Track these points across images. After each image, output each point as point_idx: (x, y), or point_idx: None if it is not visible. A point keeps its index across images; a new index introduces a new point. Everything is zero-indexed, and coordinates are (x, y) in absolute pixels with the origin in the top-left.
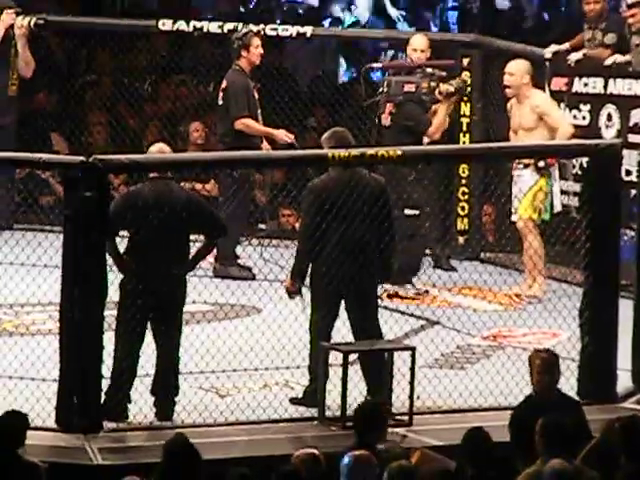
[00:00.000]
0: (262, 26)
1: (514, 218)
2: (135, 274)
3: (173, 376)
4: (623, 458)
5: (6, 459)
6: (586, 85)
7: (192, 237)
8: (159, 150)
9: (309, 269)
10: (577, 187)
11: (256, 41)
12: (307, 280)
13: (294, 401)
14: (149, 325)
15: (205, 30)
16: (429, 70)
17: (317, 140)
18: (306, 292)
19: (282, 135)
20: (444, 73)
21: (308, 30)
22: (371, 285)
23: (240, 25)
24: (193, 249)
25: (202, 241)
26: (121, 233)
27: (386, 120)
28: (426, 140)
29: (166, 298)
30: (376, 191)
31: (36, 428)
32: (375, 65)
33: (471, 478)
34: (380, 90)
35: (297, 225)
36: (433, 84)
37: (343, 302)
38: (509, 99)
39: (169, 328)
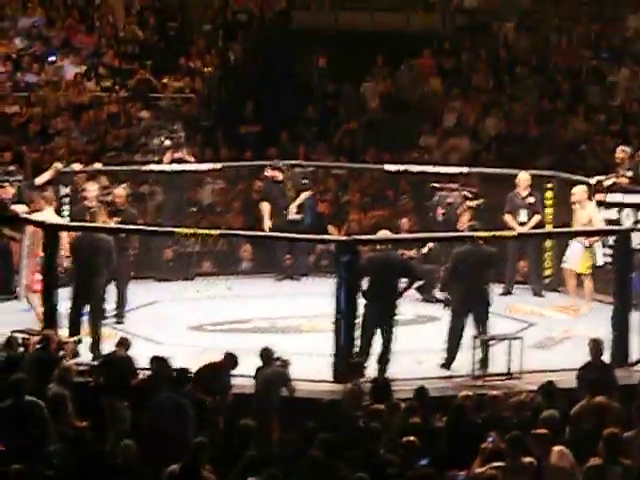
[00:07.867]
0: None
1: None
2: (374, 300)
3: (389, 348)
4: None
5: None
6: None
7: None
8: (384, 234)
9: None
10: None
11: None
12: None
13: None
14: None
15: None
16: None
17: None
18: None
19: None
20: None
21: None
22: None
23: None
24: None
25: (406, 282)
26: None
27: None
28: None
29: (392, 311)
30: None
31: (321, 381)
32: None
33: None
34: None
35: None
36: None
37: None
38: None
39: (388, 320)
